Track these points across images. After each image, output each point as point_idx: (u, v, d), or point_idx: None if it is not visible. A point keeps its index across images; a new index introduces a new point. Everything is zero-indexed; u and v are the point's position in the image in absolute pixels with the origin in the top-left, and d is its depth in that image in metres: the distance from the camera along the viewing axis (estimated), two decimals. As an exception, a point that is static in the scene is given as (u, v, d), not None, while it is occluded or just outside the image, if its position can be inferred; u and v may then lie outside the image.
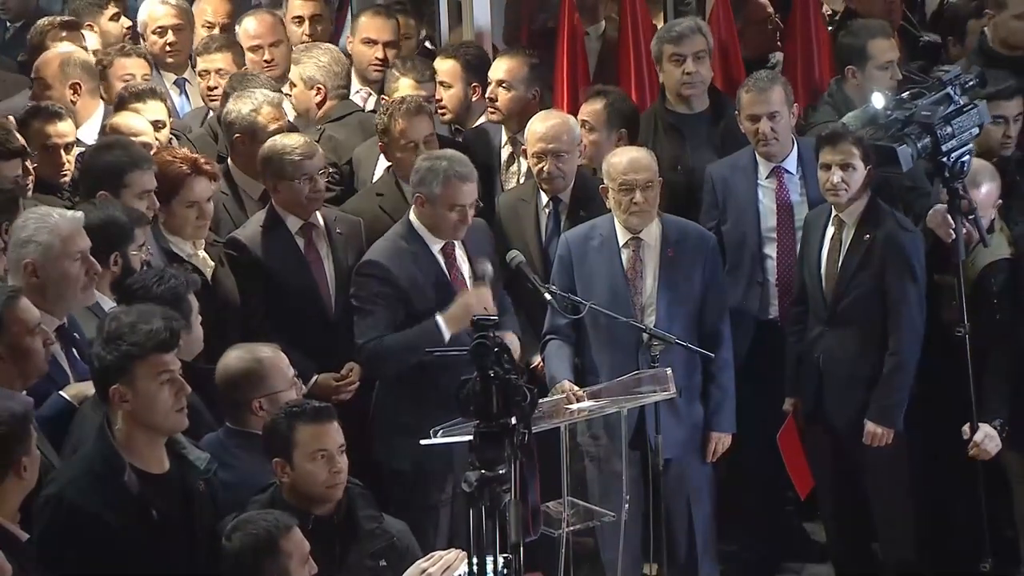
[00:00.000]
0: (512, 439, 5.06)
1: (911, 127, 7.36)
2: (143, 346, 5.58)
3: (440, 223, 7.57)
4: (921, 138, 7.33)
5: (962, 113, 7.40)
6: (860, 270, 7.71)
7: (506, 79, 8.72)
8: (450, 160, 7.55)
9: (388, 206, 8.16)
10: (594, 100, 8.51)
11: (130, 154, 7.43)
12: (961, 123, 7.38)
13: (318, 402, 6.19)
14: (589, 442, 7.67)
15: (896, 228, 7.67)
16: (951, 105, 7.40)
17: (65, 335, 6.35)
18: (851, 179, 7.65)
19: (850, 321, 7.76)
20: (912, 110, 7.39)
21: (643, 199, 7.61)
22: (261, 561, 5.56)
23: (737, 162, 8.29)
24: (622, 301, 7.65)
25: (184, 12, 9.66)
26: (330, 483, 5.98)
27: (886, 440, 7.68)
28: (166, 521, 5.59)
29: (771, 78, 8.25)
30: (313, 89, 8.93)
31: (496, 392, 5.06)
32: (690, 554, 7.78)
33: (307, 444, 5.96)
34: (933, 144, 7.33)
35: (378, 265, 7.57)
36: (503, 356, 5.10)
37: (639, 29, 9.16)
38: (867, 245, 7.69)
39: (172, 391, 5.62)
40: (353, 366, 7.78)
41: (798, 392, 7.94)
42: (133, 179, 7.30)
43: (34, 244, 6.32)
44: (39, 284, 6.28)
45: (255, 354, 6.40)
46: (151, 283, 6.39)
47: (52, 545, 5.46)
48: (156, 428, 5.65)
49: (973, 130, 7.43)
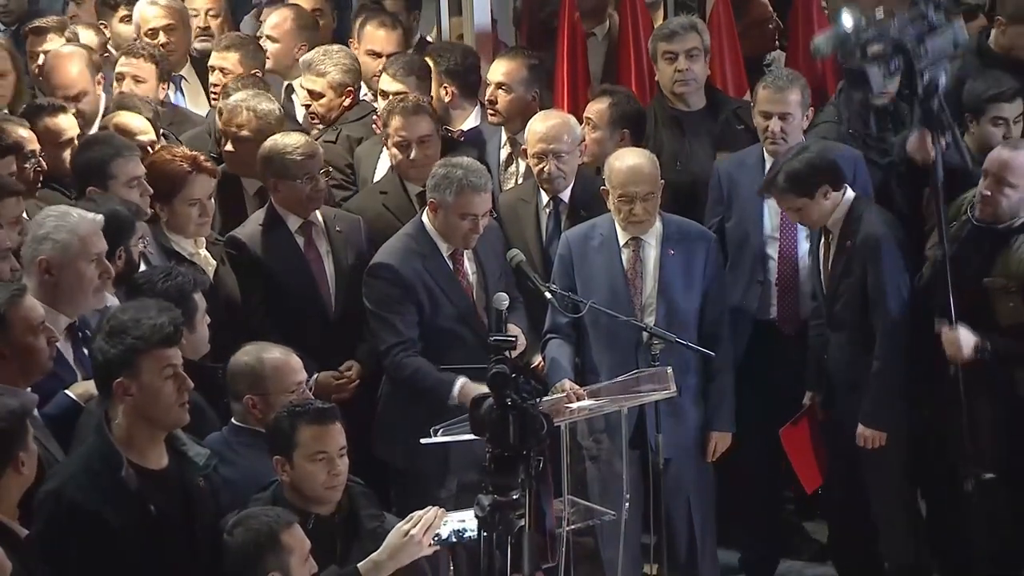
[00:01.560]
0: (528, 466, 5.06)
1: (883, 47, 7.16)
2: (148, 340, 5.57)
3: (451, 231, 7.56)
4: (893, 59, 7.16)
5: (935, 32, 7.21)
6: (844, 277, 7.73)
7: (505, 81, 8.70)
8: (465, 169, 7.53)
9: (392, 204, 8.17)
10: (600, 99, 8.51)
11: (112, 145, 7.44)
12: (935, 42, 7.20)
13: (323, 402, 6.18)
14: (589, 441, 7.67)
15: (872, 231, 7.64)
16: (923, 23, 7.20)
17: (75, 333, 6.35)
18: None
19: (843, 325, 7.78)
20: (883, 29, 7.19)
21: (642, 210, 7.61)
22: (262, 555, 5.57)
23: (745, 159, 8.29)
24: (622, 300, 7.65)
25: (175, 11, 9.63)
26: (328, 485, 5.98)
27: (878, 443, 7.67)
28: (165, 517, 5.58)
29: (791, 78, 8.23)
30: (343, 95, 8.89)
31: (513, 421, 5.05)
32: (690, 553, 7.78)
33: (308, 445, 5.96)
34: (906, 63, 7.16)
35: (387, 267, 7.57)
36: (521, 382, 5.09)
37: (639, 28, 9.16)
38: (848, 252, 7.70)
39: (175, 385, 5.61)
40: (353, 364, 7.80)
41: (816, 387, 7.93)
42: (118, 168, 7.30)
43: (51, 242, 6.31)
44: (52, 282, 6.28)
45: (260, 353, 6.42)
46: (157, 279, 6.42)
47: (51, 541, 5.44)
48: (158, 422, 5.63)
49: (948, 48, 7.24)
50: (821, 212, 7.70)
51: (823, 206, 7.68)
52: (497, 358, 5.11)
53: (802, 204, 7.68)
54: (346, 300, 7.79)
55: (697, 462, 7.78)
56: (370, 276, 7.61)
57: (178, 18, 9.63)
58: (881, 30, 7.18)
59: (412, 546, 5.91)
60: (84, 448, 5.71)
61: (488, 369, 5.13)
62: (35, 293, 6.13)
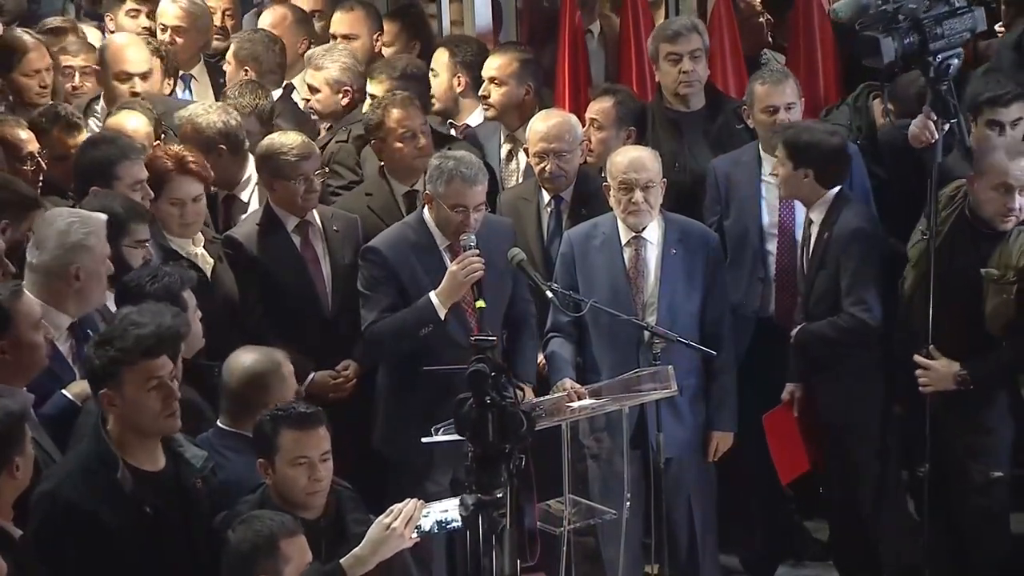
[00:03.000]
0: (508, 465, 5.04)
1: (902, 21, 7.15)
2: (130, 352, 5.58)
3: (444, 223, 7.55)
4: (908, 35, 7.15)
5: (955, 16, 7.21)
6: (820, 269, 7.78)
7: (497, 75, 8.74)
8: (458, 160, 7.53)
9: (377, 205, 8.16)
10: (603, 98, 8.51)
11: (119, 146, 7.43)
12: (952, 25, 7.19)
13: (306, 406, 6.09)
14: (590, 440, 7.66)
15: (848, 225, 7.69)
16: (944, 5, 7.21)
17: (76, 333, 6.35)
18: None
19: (819, 318, 7.80)
20: (903, 3, 7.20)
21: (642, 198, 7.59)
22: (258, 558, 5.54)
23: (740, 157, 8.29)
24: (624, 299, 7.63)
25: (190, 15, 9.64)
26: (309, 490, 5.93)
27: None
28: (161, 518, 5.59)
29: (784, 72, 8.32)
30: (339, 92, 8.89)
31: (492, 419, 5.04)
32: (691, 553, 7.75)
33: (289, 450, 5.92)
34: (920, 42, 7.16)
35: (374, 251, 7.60)
36: (500, 381, 5.07)
37: (640, 28, 9.15)
38: (825, 243, 7.74)
39: (160, 396, 5.61)
40: (350, 364, 7.79)
41: (798, 379, 7.93)
42: (124, 170, 7.29)
43: (83, 249, 6.30)
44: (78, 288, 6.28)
45: (275, 358, 6.37)
46: (145, 281, 6.36)
47: (46, 542, 5.46)
48: (145, 432, 5.65)
49: (964, 34, 7.25)
50: (791, 187, 7.80)
51: (799, 184, 7.76)
52: (477, 357, 5.09)
53: (784, 168, 7.78)
54: (343, 299, 7.78)
55: (698, 462, 7.76)
56: (360, 259, 7.67)
57: (191, 21, 9.63)
58: (901, 3, 7.17)
59: (394, 539, 5.86)
60: (80, 449, 5.72)
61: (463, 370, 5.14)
62: (35, 293, 6.13)
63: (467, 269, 7.38)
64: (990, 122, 7.83)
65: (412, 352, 7.50)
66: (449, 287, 7.43)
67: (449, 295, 7.43)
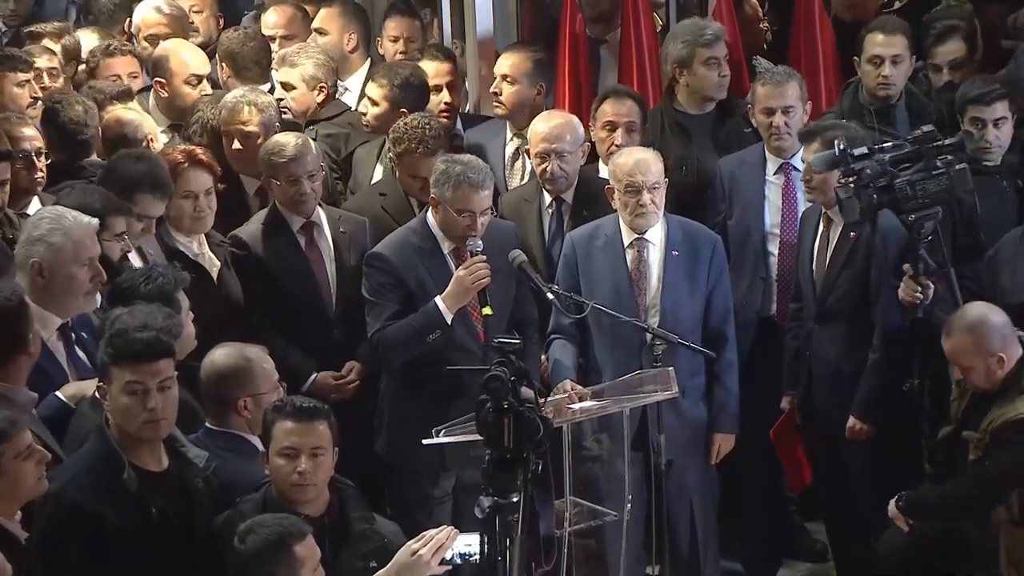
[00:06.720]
0: (525, 469, 5.02)
1: (874, 180, 7.17)
2: (118, 352, 5.61)
3: (450, 227, 7.54)
4: (882, 195, 7.18)
5: (931, 177, 7.19)
6: (845, 268, 7.73)
7: (509, 74, 8.74)
8: (465, 165, 7.51)
9: (390, 206, 8.15)
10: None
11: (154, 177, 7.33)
12: (926, 186, 7.17)
13: (310, 401, 6.06)
14: (592, 442, 7.65)
15: (880, 226, 7.62)
16: (918, 167, 7.20)
17: (67, 334, 6.34)
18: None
19: (836, 319, 7.78)
20: (877, 163, 7.21)
21: (649, 200, 7.59)
22: (273, 565, 5.51)
23: (746, 157, 8.31)
24: (626, 301, 7.63)
25: (175, 20, 9.67)
26: (293, 482, 5.87)
27: (864, 435, 7.67)
28: (165, 519, 5.60)
29: (788, 73, 8.29)
30: (316, 89, 8.90)
31: (509, 424, 5.01)
32: (692, 554, 7.76)
33: (278, 440, 5.89)
34: (891, 203, 7.20)
35: (379, 256, 7.58)
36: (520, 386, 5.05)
37: (641, 29, 9.14)
38: (852, 244, 7.70)
39: (140, 402, 5.60)
40: (354, 365, 7.79)
41: (795, 388, 7.93)
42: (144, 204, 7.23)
43: (45, 244, 6.31)
44: (44, 284, 6.27)
45: (244, 352, 6.32)
46: (139, 282, 6.34)
47: (52, 543, 5.48)
48: (127, 433, 5.63)
49: (940, 195, 7.19)
50: (824, 190, 7.65)
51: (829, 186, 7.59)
52: (498, 360, 5.08)
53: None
54: (347, 300, 7.78)
55: (700, 463, 7.76)
56: (365, 265, 7.64)
57: (177, 26, 9.66)
58: (867, 163, 7.17)
59: (420, 566, 5.74)
60: (85, 449, 5.73)
61: (486, 372, 5.12)
62: (27, 293, 6.12)
63: (474, 275, 7.37)
64: (973, 119, 7.87)
65: (418, 358, 7.49)
66: (455, 292, 7.42)
67: (455, 300, 7.42)
